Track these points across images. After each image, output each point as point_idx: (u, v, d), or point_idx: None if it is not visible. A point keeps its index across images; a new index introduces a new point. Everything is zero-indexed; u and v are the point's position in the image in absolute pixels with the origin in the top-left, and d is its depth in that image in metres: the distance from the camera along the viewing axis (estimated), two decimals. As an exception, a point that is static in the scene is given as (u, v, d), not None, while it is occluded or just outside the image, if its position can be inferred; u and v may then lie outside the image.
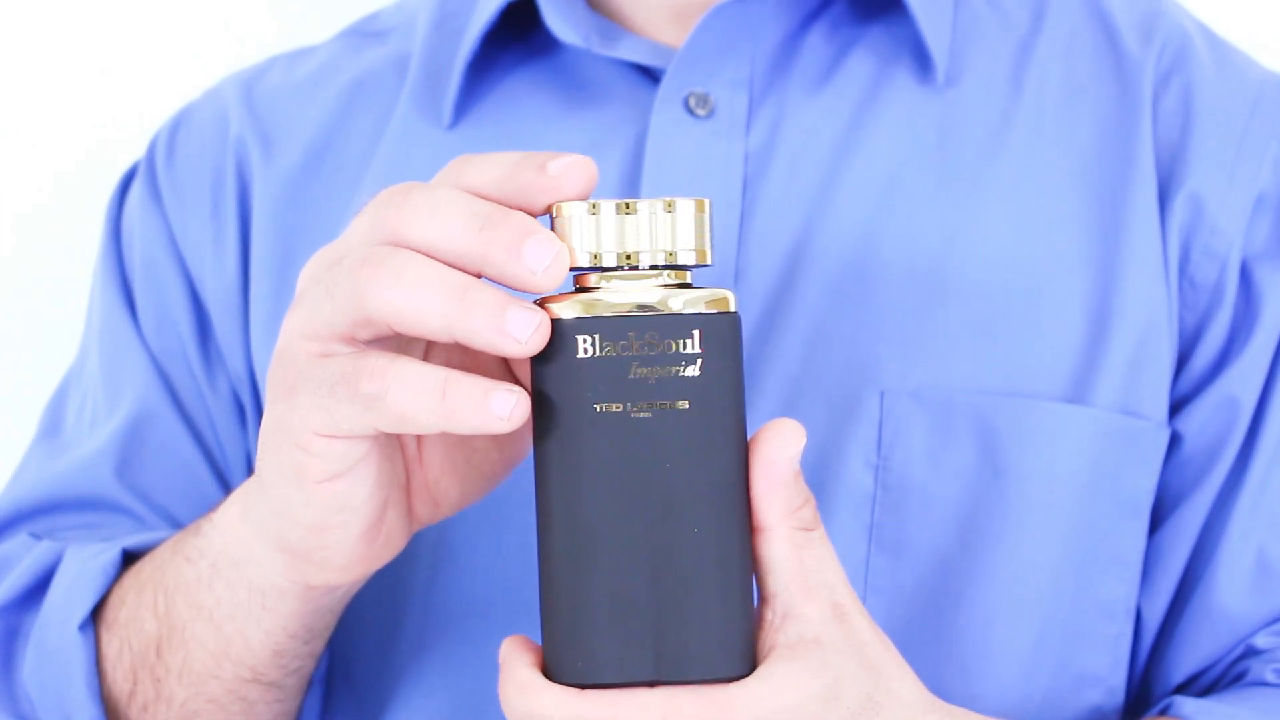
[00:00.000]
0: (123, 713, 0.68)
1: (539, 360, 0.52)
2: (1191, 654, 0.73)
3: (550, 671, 0.53)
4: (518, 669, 0.54)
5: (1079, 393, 0.70)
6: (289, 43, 0.89)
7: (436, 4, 0.81)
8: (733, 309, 0.53)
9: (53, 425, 0.83)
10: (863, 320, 0.71)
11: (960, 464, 0.70)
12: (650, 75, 0.75)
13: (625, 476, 0.52)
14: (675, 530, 0.52)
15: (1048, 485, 0.70)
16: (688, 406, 0.52)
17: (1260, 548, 0.72)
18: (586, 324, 0.51)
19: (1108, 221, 0.72)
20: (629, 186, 0.73)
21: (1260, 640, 0.72)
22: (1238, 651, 0.73)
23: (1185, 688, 0.74)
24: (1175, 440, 0.73)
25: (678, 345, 0.51)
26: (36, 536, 0.75)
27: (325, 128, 0.79)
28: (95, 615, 0.69)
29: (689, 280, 0.53)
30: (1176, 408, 0.73)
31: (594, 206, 0.52)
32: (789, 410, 0.70)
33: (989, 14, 0.77)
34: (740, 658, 0.53)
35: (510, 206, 0.51)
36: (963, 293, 0.71)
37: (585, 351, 0.51)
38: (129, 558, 0.71)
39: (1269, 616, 0.72)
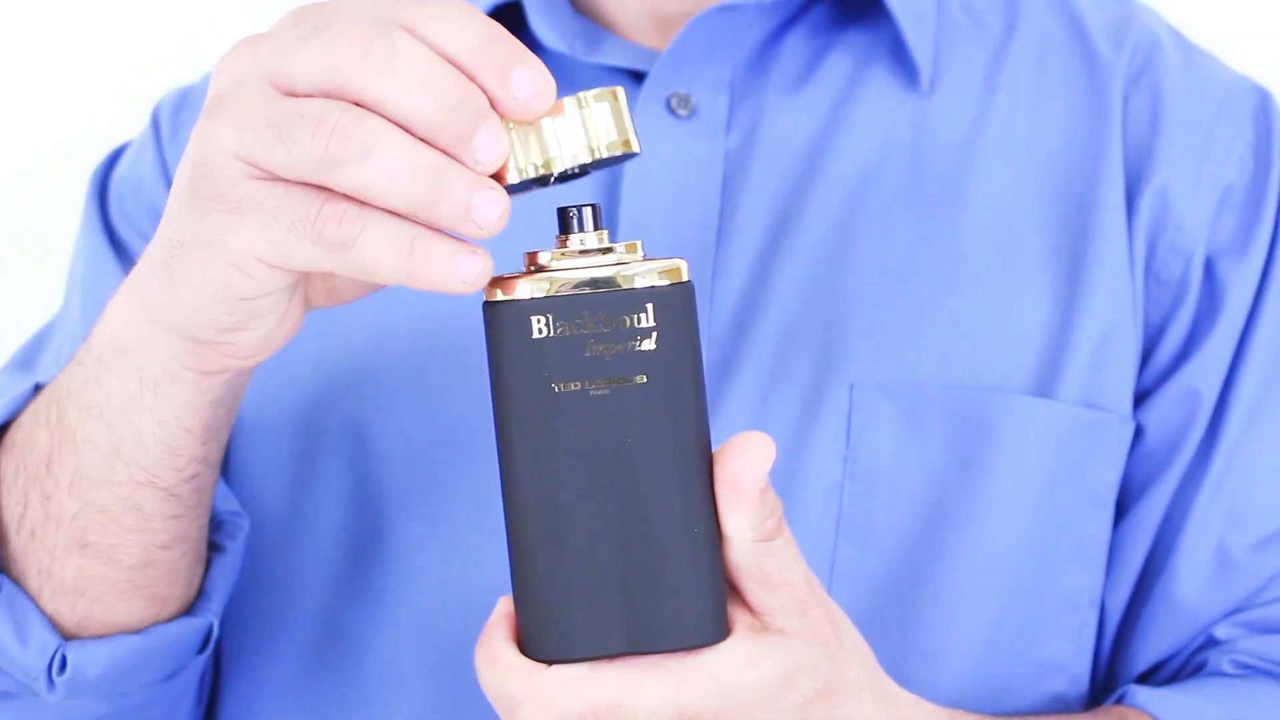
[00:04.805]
0: (11, 541, 0.65)
1: (495, 343, 0.52)
2: (1153, 644, 0.75)
3: (525, 646, 0.54)
4: (494, 640, 0.55)
5: (1044, 386, 0.72)
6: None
7: None
8: (685, 278, 0.52)
9: (25, 361, 0.82)
10: (834, 314, 0.72)
11: (928, 456, 0.71)
12: (632, 75, 0.77)
13: (588, 454, 0.52)
14: (641, 503, 0.53)
15: (1013, 477, 0.72)
16: (645, 381, 0.52)
17: (1220, 540, 0.74)
18: (540, 304, 0.51)
19: (1075, 220, 0.74)
20: (609, 183, 0.75)
21: (1220, 631, 0.74)
22: (1198, 642, 0.74)
23: (1148, 677, 0.76)
24: (1138, 432, 0.75)
25: (631, 320, 0.52)
26: None
27: None
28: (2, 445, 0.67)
29: (640, 252, 0.53)
30: (1140, 400, 0.75)
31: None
32: (762, 401, 0.72)
33: (965, 20, 0.79)
34: (712, 624, 0.54)
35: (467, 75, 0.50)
36: (933, 288, 0.73)
37: (540, 332, 0.52)
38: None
39: (1228, 608, 0.74)
